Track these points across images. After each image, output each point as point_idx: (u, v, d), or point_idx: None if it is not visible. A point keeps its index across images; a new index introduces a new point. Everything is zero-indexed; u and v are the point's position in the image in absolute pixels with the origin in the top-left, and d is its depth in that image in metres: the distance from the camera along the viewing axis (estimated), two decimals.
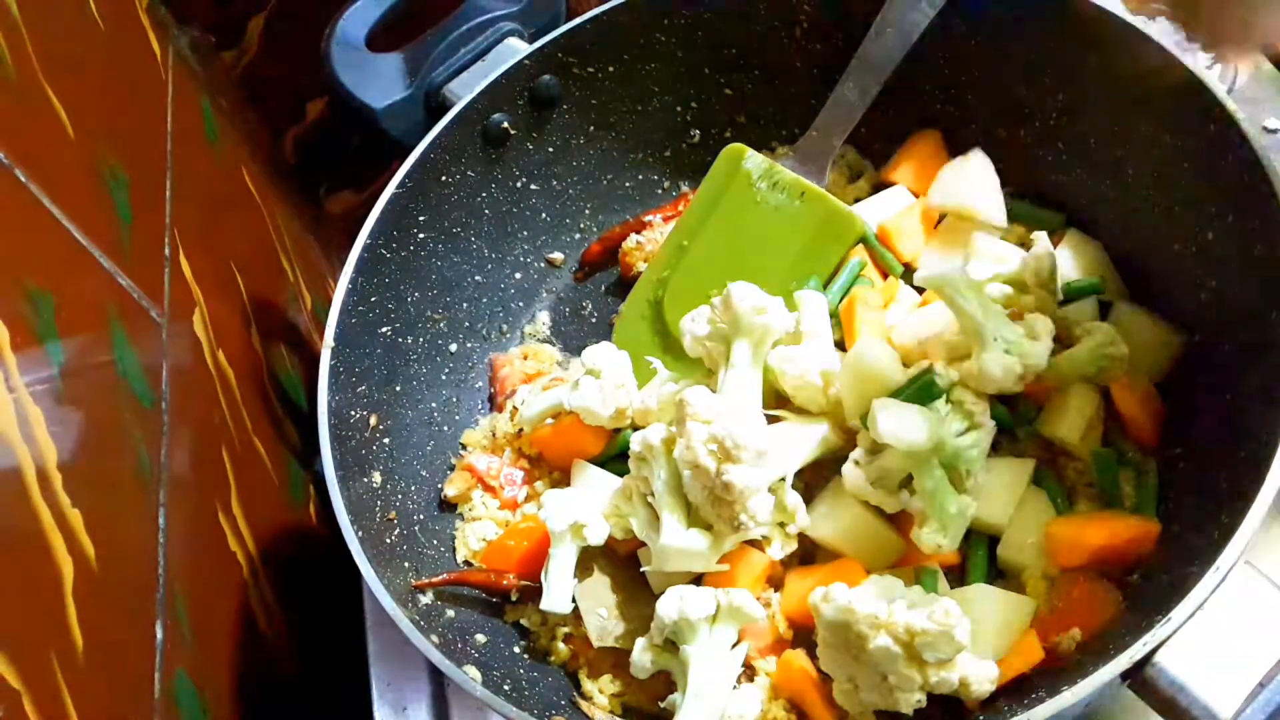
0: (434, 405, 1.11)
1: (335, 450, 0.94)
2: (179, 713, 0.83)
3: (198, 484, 0.97)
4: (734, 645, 0.87)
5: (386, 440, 1.03)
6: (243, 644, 0.98)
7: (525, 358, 1.15)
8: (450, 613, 0.96)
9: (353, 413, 1.00)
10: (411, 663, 1.05)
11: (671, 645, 0.87)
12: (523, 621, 0.99)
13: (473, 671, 0.85)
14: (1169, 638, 0.70)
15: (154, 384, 0.93)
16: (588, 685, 0.94)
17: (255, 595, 1.04)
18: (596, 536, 0.93)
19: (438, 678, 1.05)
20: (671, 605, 0.85)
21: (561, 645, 0.97)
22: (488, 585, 0.98)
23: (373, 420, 1.02)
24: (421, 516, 1.04)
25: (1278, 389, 0.78)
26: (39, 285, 0.79)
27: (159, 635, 0.83)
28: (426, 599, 0.95)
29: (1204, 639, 0.70)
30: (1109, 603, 0.82)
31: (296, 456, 1.23)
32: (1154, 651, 0.71)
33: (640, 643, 0.88)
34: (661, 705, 0.90)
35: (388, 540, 0.96)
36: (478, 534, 1.04)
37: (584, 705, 0.92)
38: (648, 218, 1.20)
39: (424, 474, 1.07)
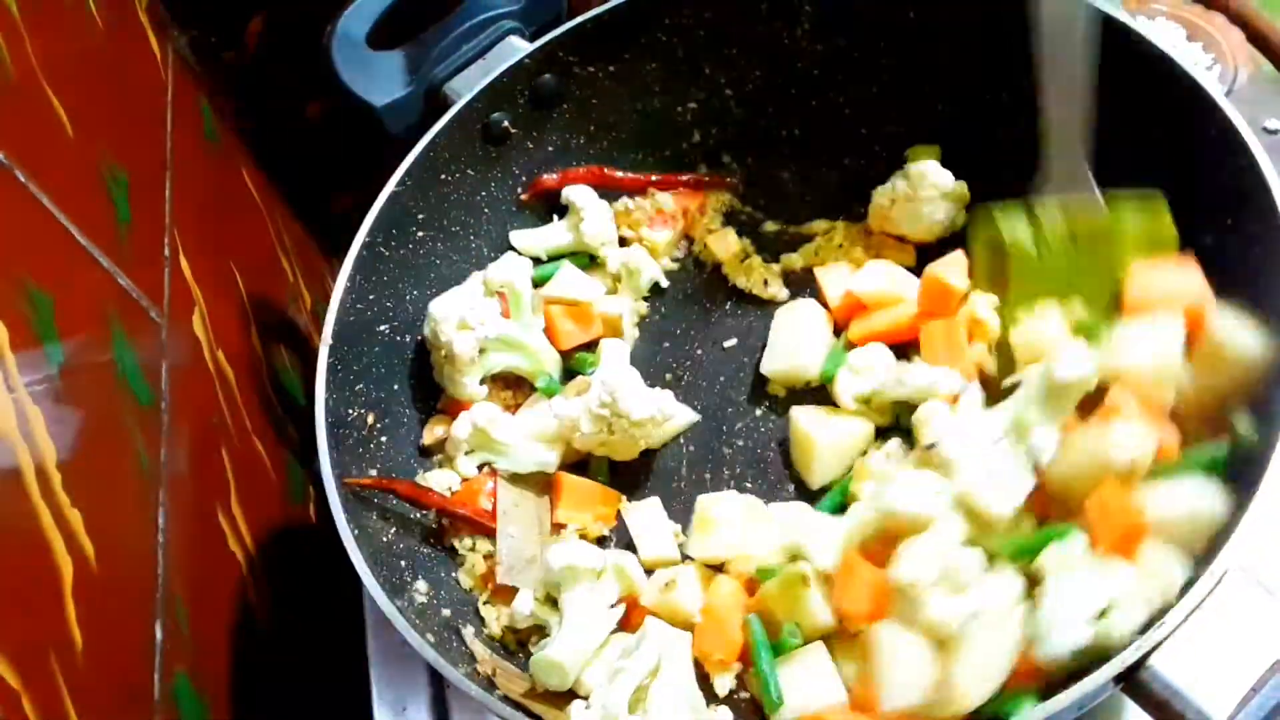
0: (432, 404, 1.11)
1: (332, 449, 0.94)
2: (179, 713, 0.84)
3: (197, 484, 0.98)
4: (613, 605, 0.93)
5: (384, 439, 1.04)
6: (242, 644, 0.99)
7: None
8: (446, 611, 0.96)
9: (350, 411, 1.01)
10: (411, 663, 1.05)
11: (552, 603, 0.94)
12: (455, 544, 1.02)
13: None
14: (1163, 642, 0.71)
15: (153, 383, 0.94)
16: (485, 610, 0.98)
17: (255, 595, 1.04)
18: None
19: (437, 678, 1.05)
20: (562, 554, 0.92)
21: (477, 570, 1.00)
22: (415, 498, 1.01)
23: (370, 419, 1.03)
24: (418, 514, 1.04)
25: (1272, 397, 0.78)
26: (39, 285, 0.79)
27: (159, 635, 0.84)
28: (422, 598, 0.95)
29: (1198, 644, 0.71)
30: None
31: (296, 456, 1.24)
32: (1148, 655, 0.71)
33: (524, 593, 0.94)
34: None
35: (384, 539, 0.96)
36: (444, 482, 1.05)
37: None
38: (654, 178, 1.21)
39: (421, 472, 1.07)
